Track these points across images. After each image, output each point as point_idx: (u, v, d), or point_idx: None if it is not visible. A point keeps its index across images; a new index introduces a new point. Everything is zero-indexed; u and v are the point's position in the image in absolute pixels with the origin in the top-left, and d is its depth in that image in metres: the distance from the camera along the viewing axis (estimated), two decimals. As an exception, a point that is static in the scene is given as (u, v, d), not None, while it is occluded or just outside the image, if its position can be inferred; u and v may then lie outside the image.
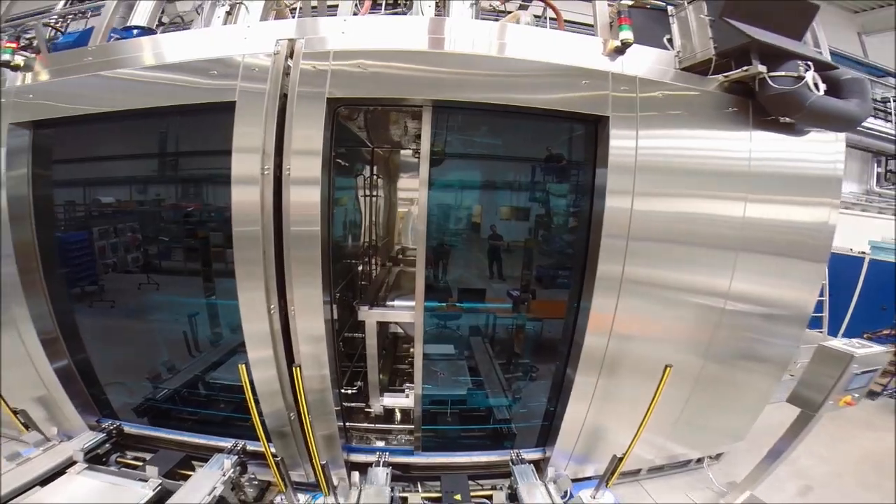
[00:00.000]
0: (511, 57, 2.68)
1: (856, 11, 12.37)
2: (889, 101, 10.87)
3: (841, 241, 9.57)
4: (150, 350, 3.80)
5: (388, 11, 6.18)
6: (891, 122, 10.83)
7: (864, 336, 6.48)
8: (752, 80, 2.68)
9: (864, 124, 10.13)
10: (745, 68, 2.62)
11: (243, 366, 2.64)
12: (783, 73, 2.55)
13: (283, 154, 2.58)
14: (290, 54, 2.55)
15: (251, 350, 2.86)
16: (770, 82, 2.59)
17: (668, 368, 2.95)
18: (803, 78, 2.49)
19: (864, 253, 8.02)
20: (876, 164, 11.64)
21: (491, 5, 4.57)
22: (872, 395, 6.04)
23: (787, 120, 2.85)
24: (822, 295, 7.02)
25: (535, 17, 4.65)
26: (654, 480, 4.07)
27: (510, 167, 3.82)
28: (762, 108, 2.82)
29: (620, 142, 2.70)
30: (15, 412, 3.46)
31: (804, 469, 4.31)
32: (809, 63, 2.58)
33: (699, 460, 4.13)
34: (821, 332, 7.04)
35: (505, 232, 3.79)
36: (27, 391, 3.49)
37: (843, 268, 8.09)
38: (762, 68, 2.57)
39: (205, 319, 3.66)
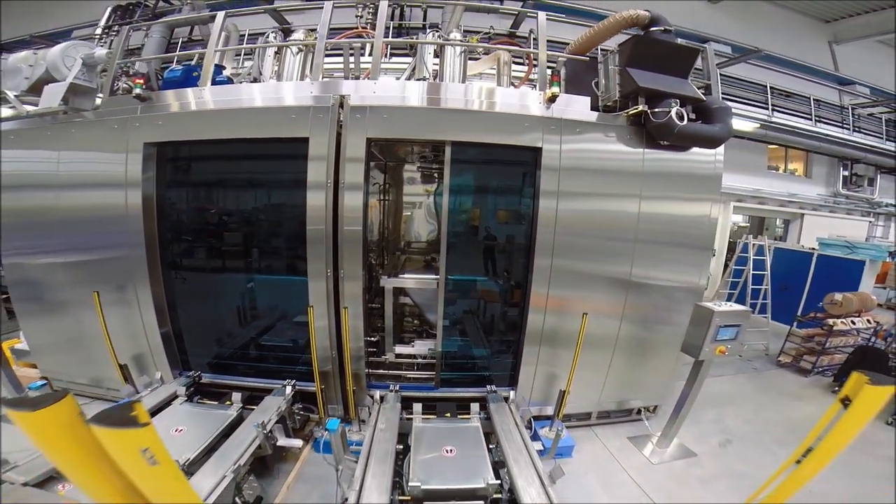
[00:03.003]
0: (484, 110, 4.29)
1: (827, 21, 13.34)
2: (848, 110, 12.45)
3: (811, 241, 11.19)
4: (223, 317, 5.27)
5: (393, 36, 7.76)
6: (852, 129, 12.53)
7: (798, 318, 8.00)
8: (641, 115, 4.22)
9: (829, 132, 11.69)
10: (635, 107, 4.17)
11: (311, 308, 4.20)
12: (658, 109, 4.07)
13: (339, 173, 4.12)
14: (341, 105, 4.11)
15: (313, 300, 4.35)
16: (651, 116, 4.12)
17: (585, 316, 4.47)
18: (669, 112, 4.01)
19: (813, 249, 9.58)
20: (842, 169, 13.11)
21: (477, 50, 6.17)
22: (804, 372, 7.37)
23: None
24: (764, 284, 8.58)
25: (515, 58, 6.28)
26: (602, 427, 5.34)
27: (491, 182, 5.23)
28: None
29: (548, 161, 4.26)
30: (121, 367, 4.91)
31: (729, 427, 5.52)
32: (677, 100, 4.12)
33: (638, 411, 5.43)
34: (765, 317, 8.52)
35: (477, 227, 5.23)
36: (130, 351, 4.93)
37: (796, 262, 9.69)
38: (644, 107, 4.10)
39: (268, 294, 5.24)
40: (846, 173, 13.26)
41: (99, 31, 10.05)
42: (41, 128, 4.71)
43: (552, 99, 4.21)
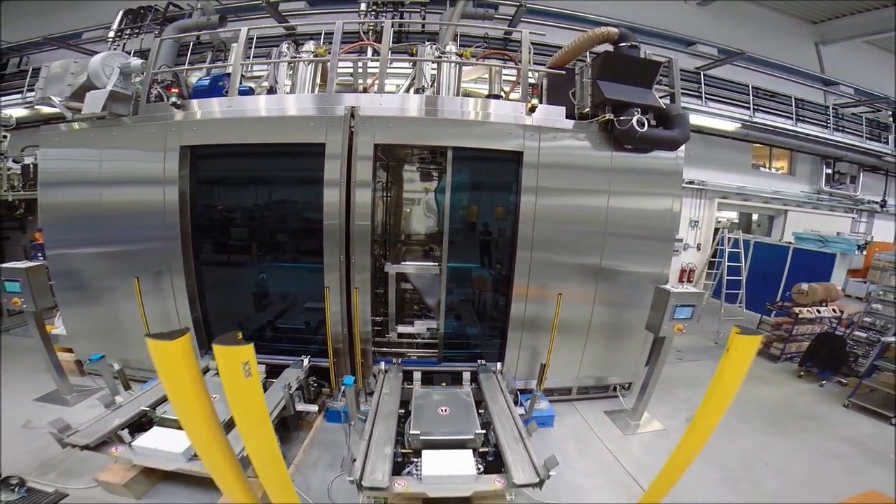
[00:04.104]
0: (473, 120, 5.07)
1: (814, 22, 13.85)
2: (829, 109, 13.04)
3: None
4: (245, 302, 6.01)
5: (393, 41, 8.49)
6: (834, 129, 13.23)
7: (766, 306, 8.76)
8: (609, 122, 4.95)
9: (810, 132, 12.37)
10: (603, 116, 4.92)
11: (328, 288, 4.96)
12: (622, 118, 4.81)
13: (350, 174, 4.86)
14: (353, 115, 4.86)
15: (329, 279, 5.09)
16: (616, 124, 4.87)
17: (560, 296, 5.23)
18: (630, 120, 4.76)
19: (790, 243, 10.40)
20: (825, 167, 13.81)
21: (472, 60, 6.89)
22: (774, 358, 8.11)
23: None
24: (739, 275, 9.37)
25: (502, 59, 7.00)
26: (581, 402, 6.07)
27: (481, 181, 5.91)
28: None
29: (528, 164, 5.02)
30: None
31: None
32: (639, 109, 4.85)
33: (615, 388, 6.16)
34: (740, 306, 9.34)
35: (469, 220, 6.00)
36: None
37: (774, 255, 10.51)
38: (610, 116, 4.85)
39: (285, 282, 6.01)
40: (829, 171, 14.02)
41: (112, 34, 10.74)
42: (84, 130, 5.44)
43: (533, 109, 4.98)
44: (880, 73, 14.29)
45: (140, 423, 4.33)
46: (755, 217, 15.54)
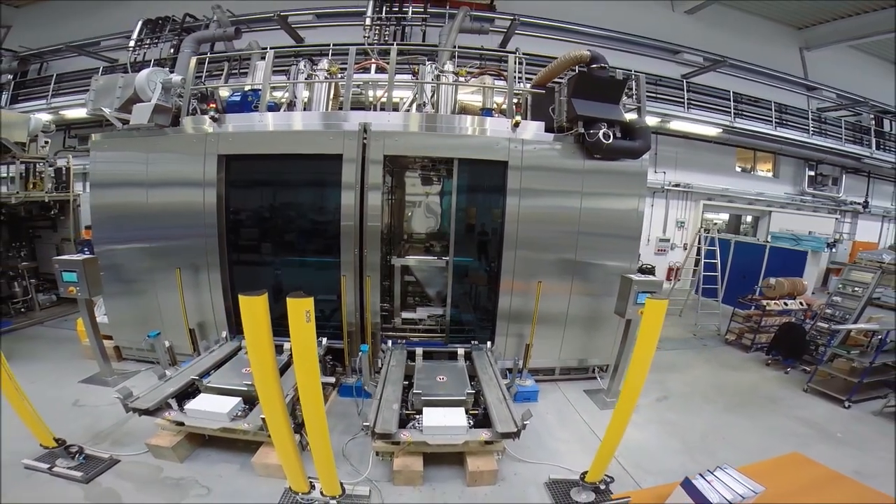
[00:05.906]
0: (467, 135, 6.11)
1: (799, 28, 14.86)
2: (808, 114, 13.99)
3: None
4: (270, 291, 6.87)
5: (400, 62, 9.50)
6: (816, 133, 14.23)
7: (738, 300, 9.62)
8: (580, 135, 5.96)
9: (789, 136, 13.32)
10: (576, 129, 5.93)
11: (345, 276, 6.02)
12: (592, 131, 5.78)
13: (364, 181, 5.88)
14: (365, 130, 5.86)
15: (345, 271, 6.08)
16: (587, 137, 5.88)
17: (540, 284, 6.25)
18: (597, 134, 5.77)
19: (767, 241, 11.44)
20: (808, 169, 14.85)
21: (467, 73, 7.94)
22: (746, 348, 8.99)
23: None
24: (716, 271, 10.41)
25: (494, 77, 8.04)
26: (564, 382, 6.92)
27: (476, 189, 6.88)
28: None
29: (513, 172, 6.03)
30: (191, 330, 6.65)
31: (669, 387, 6.95)
32: (605, 123, 5.83)
33: (594, 370, 7.11)
34: (716, 300, 10.39)
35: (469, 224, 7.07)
36: (197, 319, 6.66)
37: (752, 253, 11.53)
38: (582, 129, 5.85)
39: (303, 275, 7.02)
40: (812, 173, 15.06)
41: (132, 44, 11.79)
42: (131, 138, 6.41)
43: (517, 125, 6.02)
44: (864, 77, 15.34)
45: (186, 394, 5.17)
46: (749, 219, 16.52)
